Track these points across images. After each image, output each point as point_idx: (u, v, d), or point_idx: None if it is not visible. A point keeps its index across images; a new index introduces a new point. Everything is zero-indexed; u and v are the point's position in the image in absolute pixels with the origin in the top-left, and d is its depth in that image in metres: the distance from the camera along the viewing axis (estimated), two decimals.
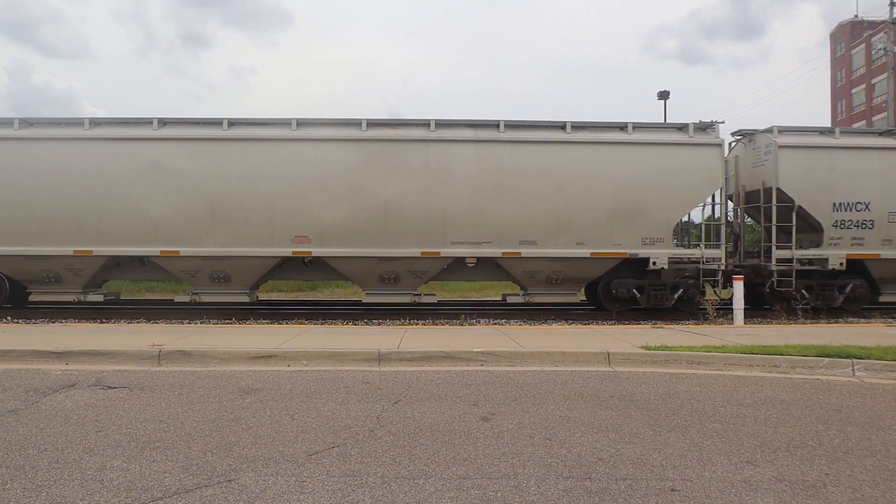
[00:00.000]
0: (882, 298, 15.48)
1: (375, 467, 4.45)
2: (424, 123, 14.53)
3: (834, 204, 14.78)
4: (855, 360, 8.16)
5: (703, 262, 14.67)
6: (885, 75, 33.99)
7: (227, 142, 14.12)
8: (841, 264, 14.71)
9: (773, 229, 14.91)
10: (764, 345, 9.10)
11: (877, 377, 7.87)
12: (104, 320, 13.50)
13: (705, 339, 10.01)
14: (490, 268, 14.86)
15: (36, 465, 4.46)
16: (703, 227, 15.15)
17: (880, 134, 15.89)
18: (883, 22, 31.91)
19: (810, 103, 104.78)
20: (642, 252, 14.40)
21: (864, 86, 55.10)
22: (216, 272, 14.30)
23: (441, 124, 14.54)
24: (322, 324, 13.24)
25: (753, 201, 15.54)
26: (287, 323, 13.37)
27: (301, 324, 13.19)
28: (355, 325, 13.11)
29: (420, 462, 4.57)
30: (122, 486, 4.07)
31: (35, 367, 8.11)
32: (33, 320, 13.08)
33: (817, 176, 14.78)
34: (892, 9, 30.85)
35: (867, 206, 14.80)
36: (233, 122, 14.36)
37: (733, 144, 16.40)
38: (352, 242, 14.14)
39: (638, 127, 14.78)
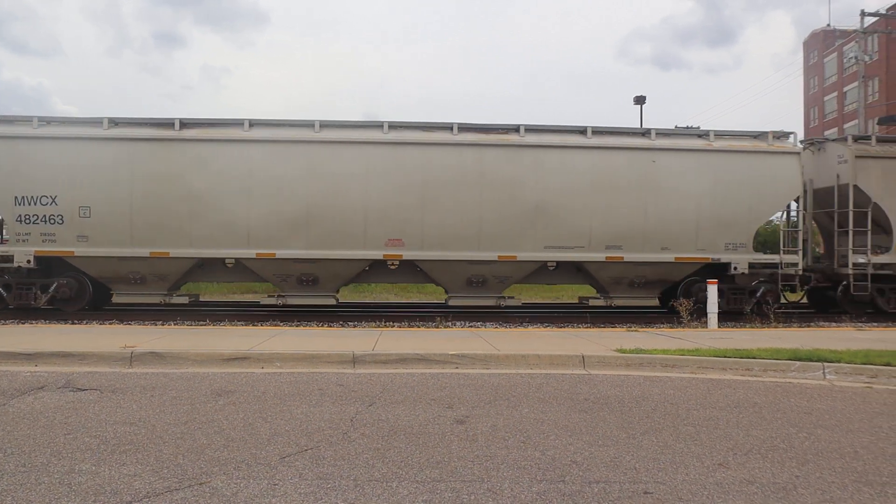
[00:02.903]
0: (114, 299, 14.75)
1: (349, 470, 4.43)
2: None
3: (16, 198, 13.76)
4: (825, 364, 8.27)
5: None
6: (856, 83, 34.60)
7: None
8: (28, 262, 13.75)
9: None
10: (737, 348, 9.19)
11: (846, 380, 7.98)
12: (76, 321, 13.31)
13: (680, 343, 10.09)
14: None
15: (1, 469, 4.37)
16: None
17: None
18: (854, 31, 32.46)
19: (786, 109, 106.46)
20: None
21: (836, 93, 56.04)
22: None
23: None
24: (297, 326, 13.15)
25: None
26: (262, 325, 13.26)
27: (276, 325, 13.08)
28: (331, 327, 13.04)
29: (393, 465, 4.55)
30: (91, 490, 4.00)
31: (3, 368, 7.96)
32: (3, 321, 12.85)
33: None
34: (862, 18, 31.41)
35: (54, 201, 13.70)
36: None
37: None
38: None
39: None
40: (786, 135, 15.22)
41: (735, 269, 14.60)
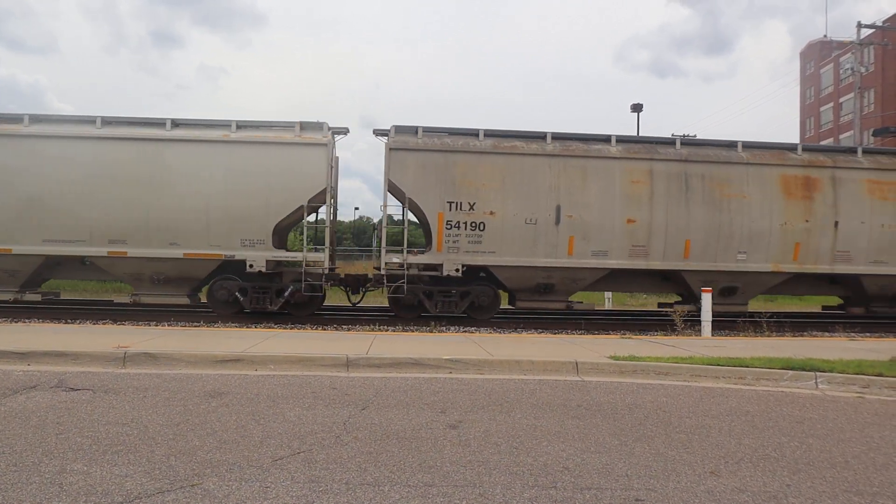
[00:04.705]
0: None
1: (341, 473, 4.43)
2: None
3: None
4: (818, 373, 8.29)
5: None
6: (852, 94, 34.76)
7: None
8: None
9: None
10: (730, 357, 9.21)
11: (838, 390, 8.00)
12: (69, 320, 13.27)
13: (673, 350, 10.11)
14: None
15: None
16: None
17: None
18: (851, 43, 32.61)
19: (784, 117, 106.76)
20: None
21: (832, 104, 56.25)
22: None
23: None
24: (291, 328, 13.15)
25: None
26: (255, 327, 13.25)
27: (270, 328, 13.08)
28: (325, 330, 13.04)
29: (386, 469, 4.55)
30: (82, 490, 3.99)
31: None
32: None
33: None
34: (859, 30, 31.56)
35: None
36: None
37: None
38: None
39: None
40: (318, 125, 14.52)
41: (251, 266, 14.08)
